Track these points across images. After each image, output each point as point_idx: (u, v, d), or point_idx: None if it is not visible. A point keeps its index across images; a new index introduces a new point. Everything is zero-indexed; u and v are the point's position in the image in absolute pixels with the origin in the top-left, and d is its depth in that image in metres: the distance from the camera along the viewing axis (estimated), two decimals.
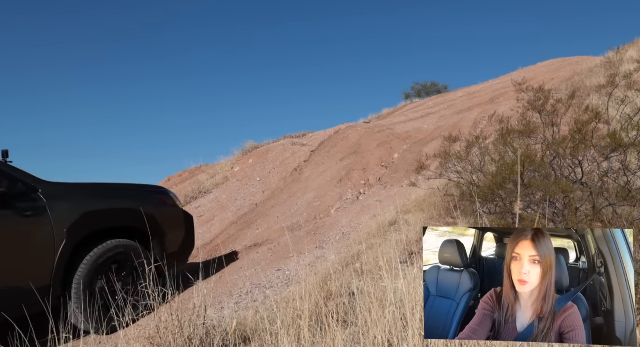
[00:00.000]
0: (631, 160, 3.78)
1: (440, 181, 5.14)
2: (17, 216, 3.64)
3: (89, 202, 4.12)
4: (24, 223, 3.66)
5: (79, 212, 3.98)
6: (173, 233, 4.69)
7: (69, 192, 4.05)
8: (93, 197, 4.20)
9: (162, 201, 4.79)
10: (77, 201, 4.04)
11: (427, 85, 30.68)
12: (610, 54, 11.31)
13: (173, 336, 2.67)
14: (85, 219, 3.99)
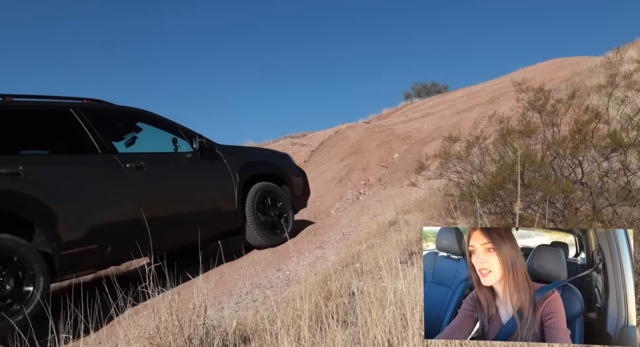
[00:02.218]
0: (631, 160, 3.79)
1: (440, 181, 5.14)
2: (210, 161, 5.43)
3: (247, 157, 5.91)
4: (214, 167, 5.44)
5: (242, 162, 5.72)
6: (297, 181, 6.38)
7: (234, 151, 5.82)
8: (249, 154, 6.06)
9: (288, 159, 6.64)
10: (240, 156, 5.81)
11: (427, 85, 30.73)
12: (610, 54, 11.30)
13: (173, 336, 2.67)
14: (246, 167, 5.72)
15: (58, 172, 4.25)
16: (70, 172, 4.33)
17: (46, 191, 4.05)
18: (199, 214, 5.12)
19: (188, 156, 5.27)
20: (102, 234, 4.31)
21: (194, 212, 5.07)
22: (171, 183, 5.01)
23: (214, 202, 5.31)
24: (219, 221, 5.33)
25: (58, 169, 4.29)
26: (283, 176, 6.15)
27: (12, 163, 3.99)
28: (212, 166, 5.41)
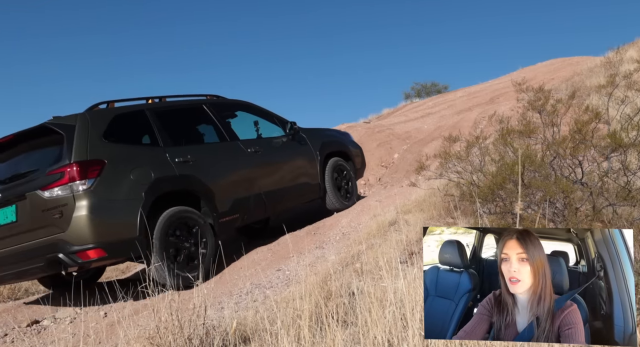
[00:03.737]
0: (631, 160, 3.78)
1: (440, 181, 5.14)
2: (299, 144, 6.63)
3: (323, 137, 7.08)
4: (303, 148, 6.65)
5: (320, 142, 6.90)
6: (357, 156, 7.57)
7: (312, 132, 6.98)
8: (323, 135, 7.19)
9: (349, 137, 7.91)
10: (317, 136, 6.98)
11: (427, 85, 30.68)
12: (610, 54, 11.31)
13: (173, 336, 2.67)
14: (323, 146, 6.90)
15: (210, 158, 5.52)
16: (216, 158, 5.61)
17: (205, 173, 5.32)
18: (296, 186, 6.43)
19: (284, 140, 6.51)
20: (241, 205, 5.64)
21: (292, 185, 6.36)
22: (278, 163, 6.28)
23: (305, 176, 6.56)
24: (308, 190, 6.61)
25: (209, 155, 5.56)
26: (347, 152, 7.36)
27: (183, 153, 5.27)
28: (300, 147, 6.66)
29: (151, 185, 4.83)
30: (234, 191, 5.57)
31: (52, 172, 4.56)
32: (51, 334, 4.17)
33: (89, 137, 4.74)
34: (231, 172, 5.65)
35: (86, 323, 4.23)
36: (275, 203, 6.11)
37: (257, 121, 6.46)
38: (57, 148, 4.73)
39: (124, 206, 4.66)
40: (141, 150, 5.16)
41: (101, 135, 4.86)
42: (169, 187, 5.00)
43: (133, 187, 4.75)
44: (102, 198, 4.54)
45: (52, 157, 4.75)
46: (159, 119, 5.42)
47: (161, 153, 5.14)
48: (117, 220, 4.62)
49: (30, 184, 4.64)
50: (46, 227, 4.50)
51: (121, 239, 4.57)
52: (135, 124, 5.33)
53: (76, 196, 4.44)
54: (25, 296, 6.04)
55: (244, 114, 6.63)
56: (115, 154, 4.83)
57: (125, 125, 5.23)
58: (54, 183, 4.50)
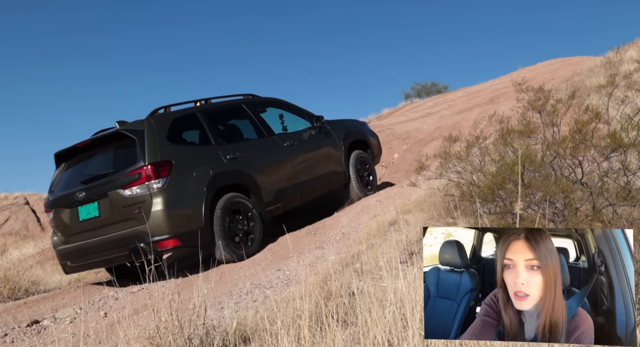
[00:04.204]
0: (631, 160, 3.78)
1: (440, 181, 5.14)
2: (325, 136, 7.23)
3: (345, 128, 7.62)
4: (329, 140, 7.23)
5: (343, 133, 7.47)
6: (375, 144, 8.17)
7: (336, 124, 7.53)
8: (345, 126, 7.74)
9: (367, 126, 8.60)
10: (341, 127, 7.55)
11: (427, 85, 30.65)
12: (610, 54, 11.30)
13: (173, 336, 2.67)
14: (346, 136, 7.49)
15: (254, 154, 6.17)
16: (259, 153, 6.26)
17: (251, 168, 6.00)
18: (325, 175, 7.03)
19: (312, 132, 7.10)
20: (282, 195, 6.29)
21: (322, 174, 6.98)
22: (309, 154, 6.89)
23: (332, 165, 7.16)
24: (335, 178, 7.21)
25: (253, 151, 6.22)
26: (367, 141, 7.96)
27: (232, 150, 5.97)
28: (327, 139, 7.24)
29: (211, 181, 5.54)
30: (275, 183, 6.25)
31: (130, 173, 5.24)
32: (51, 334, 4.17)
33: (156, 141, 5.40)
34: (272, 166, 6.34)
35: (86, 323, 4.23)
36: (309, 191, 6.77)
37: (282, 114, 7.02)
38: (130, 151, 5.41)
39: (191, 200, 5.35)
40: (199, 150, 5.88)
41: (165, 138, 5.52)
42: (224, 181, 5.68)
43: (196, 184, 5.44)
44: (173, 194, 5.24)
45: (127, 159, 5.44)
46: (209, 120, 6.11)
47: (215, 151, 5.84)
48: (187, 213, 5.32)
49: (110, 184, 5.31)
50: (127, 221, 5.23)
51: (191, 229, 5.25)
52: (190, 125, 6.04)
53: (152, 193, 5.16)
54: (25, 296, 6.04)
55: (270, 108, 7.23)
56: (179, 154, 5.52)
57: (183, 127, 5.95)
58: (132, 183, 5.20)
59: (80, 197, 5.44)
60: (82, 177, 5.65)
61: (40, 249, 10.94)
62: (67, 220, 5.62)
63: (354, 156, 7.46)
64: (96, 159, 5.82)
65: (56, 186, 5.90)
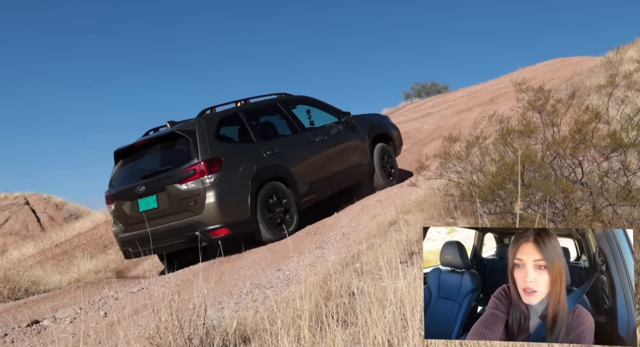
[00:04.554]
0: (631, 160, 3.78)
1: (440, 181, 5.13)
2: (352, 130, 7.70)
3: (369, 122, 8.11)
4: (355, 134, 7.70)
5: (368, 127, 7.94)
6: (396, 137, 8.66)
7: (360, 118, 7.99)
8: (369, 120, 8.23)
9: (388, 119, 9.10)
10: (365, 122, 8.02)
11: (427, 85, 30.61)
12: (610, 54, 11.30)
13: (173, 336, 2.67)
14: (371, 130, 7.96)
15: (290, 149, 6.74)
16: (295, 148, 6.83)
17: (288, 161, 6.60)
18: (353, 167, 7.54)
19: (340, 127, 7.58)
20: (314, 187, 6.86)
21: (350, 166, 7.49)
22: (338, 148, 7.38)
23: (359, 157, 7.65)
24: (361, 170, 7.70)
25: (289, 147, 6.76)
26: (389, 134, 8.43)
27: (271, 146, 6.56)
28: (353, 133, 7.71)
29: (254, 175, 6.15)
30: (309, 175, 6.84)
31: (186, 169, 5.88)
32: (51, 334, 4.17)
33: (207, 139, 5.99)
34: (306, 160, 6.91)
35: (86, 323, 4.23)
36: (339, 183, 7.33)
37: (309, 110, 7.56)
38: (184, 149, 6.06)
39: (239, 193, 5.99)
40: (243, 147, 6.47)
41: (214, 137, 6.12)
42: (266, 175, 6.29)
43: (242, 178, 6.06)
44: (223, 188, 5.88)
45: (181, 156, 6.06)
46: (249, 119, 6.70)
47: (257, 148, 6.45)
48: (236, 205, 5.96)
49: (168, 179, 5.96)
50: (183, 212, 5.89)
51: (240, 219, 5.95)
52: (234, 124, 6.62)
53: (206, 188, 5.79)
54: (25, 296, 6.04)
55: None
56: (227, 151, 6.13)
57: (228, 126, 6.52)
58: (188, 178, 5.84)
59: (141, 190, 6.09)
60: (140, 173, 6.32)
61: (40, 249, 10.94)
62: (128, 211, 6.27)
63: (377, 149, 7.95)
64: (152, 156, 6.49)
65: (115, 181, 6.54)
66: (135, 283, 5.61)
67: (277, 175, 6.44)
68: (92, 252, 9.49)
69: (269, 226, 6.14)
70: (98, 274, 7.61)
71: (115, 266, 8.21)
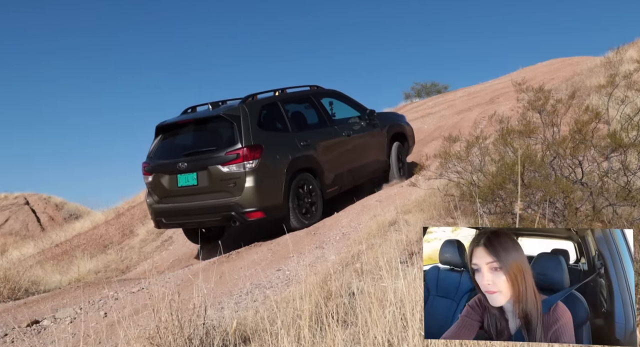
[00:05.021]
0: (631, 160, 3.78)
1: (440, 181, 5.14)
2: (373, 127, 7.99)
3: (389, 120, 8.50)
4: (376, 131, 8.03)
5: (387, 124, 8.27)
6: (410, 135, 8.98)
7: (381, 116, 8.36)
8: (388, 118, 8.72)
9: (404, 118, 9.25)
10: (385, 119, 8.40)
11: (427, 85, 30.54)
12: (610, 54, 11.29)
13: (173, 336, 2.67)
14: (390, 128, 8.30)
15: (320, 141, 7.04)
16: (323, 140, 7.11)
17: (318, 154, 6.93)
18: (372, 162, 7.90)
19: (363, 124, 7.85)
20: (339, 179, 7.20)
21: (370, 162, 7.83)
22: (361, 144, 7.67)
23: (378, 154, 8.01)
24: (379, 166, 8.07)
25: (319, 138, 7.06)
26: (404, 133, 8.74)
27: (304, 137, 6.87)
28: (375, 130, 8.01)
29: (289, 164, 6.49)
30: (335, 168, 7.15)
31: (230, 153, 6.21)
32: (51, 334, 4.17)
33: (249, 126, 6.32)
34: (333, 153, 7.21)
35: (86, 323, 4.23)
36: (359, 177, 7.69)
37: (332, 102, 7.84)
38: (228, 132, 6.38)
39: (275, 180, 6.32)
40: (281, 136, 6.74)
41: (256, 124, 6.44)
42: (299, 165, 6.64)
43: (279, 166, 6.40)
44: (262, 174, 6.21)
45: (225, 139, 6.39)
46: (286, 108, 7.03)
47: (292, 138, 6.76)
48: (271, 191, 6.29)
49: (211, 159, 6.25)
50: (221, 192, 6.22)
51: (274, 204, 6.29)
52: (273, 113, 6.89)
53: (246, 172, 6.14)
54: (25, 296, 6.04)
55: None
56: (267, 139, 6.44)
57: (267, 114, 6.80)
58: (230, 161, 6.17)
59: (182, 167, 6.37)
60: (181, 149, 6.64)
61: (40, 249, 10.93)
62: (166, 184, 6.56)
63: (394, 147, 8.37)
64: (195, 135, 6.80)
65: (154, 154, 6.84)
66: (135, 283, 5.61)
67: (308, 165, 6.78)
68: (92, 252, 9.49)
69: (297, 214, 6.50)
70: (98, 274, 7.61)
71: (116, 265, 8.22)
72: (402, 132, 8.74)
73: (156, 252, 8.69)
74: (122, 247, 9.79)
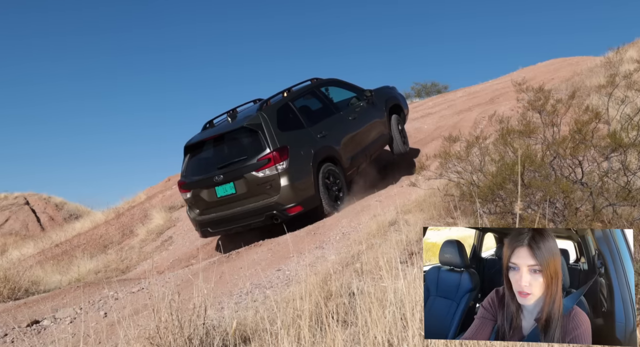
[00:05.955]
0: (631, 160, 3.78)
1: (440, 180, 5.13)
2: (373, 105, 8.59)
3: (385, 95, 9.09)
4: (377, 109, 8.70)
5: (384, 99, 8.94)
6: (405, 106, 9.68)
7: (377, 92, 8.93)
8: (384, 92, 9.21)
9: (396, 90, 9.81)
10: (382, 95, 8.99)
11: (427, 85, 30.55)
12: (610, 54, 11.30)
13: (173, 336, 2.67)
14: (387, 103, 8.96)
15: (333, 129, 7.60)
16: (336, 128, 7.68)
17: (334, 142, 7.50)
18: (379, 138, 8.61)
19: (362, 104, 8.41)
20: (355, 160, 7.82)
21: (377, 137, 8.56)
22: (367, 123, 8.31)
23: (381, 129, 8.68)
24: (384, 140, 8.84)
25: (331, 127, 7.62)
26: (400, 105, 9.45)
27: (319, 129, 7.45)
28: (375, 108, 8.64)
29: (313, 157, 7.05)
30: (350, 151, 7.74)
31: (261, 159, 6.73)
32: (51, 334, 4.17)
33: (272, 131, 6.82)
34: (346, 138, 7.77)
35: (86, 323, 4.23)
36: (371, 153, 8.34)
37: (327, 88, 8.34)
38: (254, 141, 6.85)
39: (305, 175, 6.90)
40: (299, 133, 7.21)
41: (277, 127, 6.93)
42: (321, 156, 7.19)
43: (305, 161, 6.96)
44: (294, 172, 6.76)
45: (253, 147, 6.85)
46: (297, 106, 7.50)
47: (309, 132, 7.30)
48: (303, 185, 6.86)
49: (245, 168, 6.77)
50: (260, 195, 6.77)
51: (308, 197, 6.87)
52: (288, 113, 7.34)
53: (280, 173, 6.68)
54: (25, 296, 6.04)
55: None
56: (290, 139, 6.93)
57: (284, 116, 7.23)
58: (264, 166, 6.70)
59: (219, 179, 6.88)
60: (213, 163, 7.07)
61: (40, 249, 10.93)
62: (206, 197, 7.05)
63: (394, 120, 9.05)
64: (223, 148, 7.22)
65: (187, 171, 7.33)
66: (135, 283, 5.61)
67: (329, 155, 7.33)
68: (92, 252, 9.49)
69: (329, 201, 7.08)
70: (98, 274, 7.61)
71: (116, 265, 8.21)
72: (397, 105, 9.40)
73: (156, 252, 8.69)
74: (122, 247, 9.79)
